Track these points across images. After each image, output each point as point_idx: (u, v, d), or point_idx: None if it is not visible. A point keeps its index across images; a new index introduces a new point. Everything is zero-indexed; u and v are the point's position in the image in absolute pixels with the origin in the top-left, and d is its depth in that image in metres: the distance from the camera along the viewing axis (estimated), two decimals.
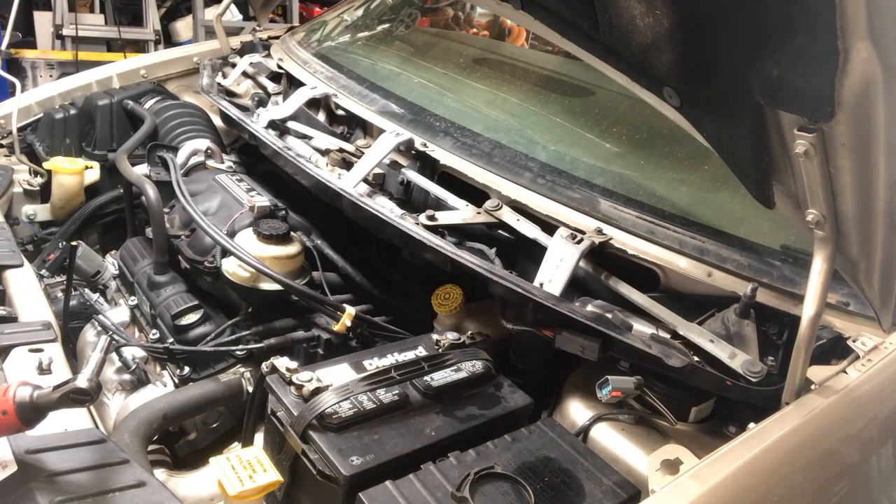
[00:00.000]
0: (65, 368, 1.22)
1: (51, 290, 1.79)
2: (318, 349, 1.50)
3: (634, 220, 1.35)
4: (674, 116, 1.10)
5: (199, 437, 1.45)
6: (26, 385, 0.94)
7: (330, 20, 2.58)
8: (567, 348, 1.20)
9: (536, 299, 1.20)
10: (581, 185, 1.47)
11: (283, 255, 1.51)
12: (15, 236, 1.72)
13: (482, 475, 0.99)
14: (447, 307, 1.42)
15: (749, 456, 0.94)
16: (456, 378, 1.22)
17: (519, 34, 3.35)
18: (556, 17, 1.19)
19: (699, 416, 1.19)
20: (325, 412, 1.06)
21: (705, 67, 0.97)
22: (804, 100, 0.82)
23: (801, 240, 1.23)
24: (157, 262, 1.66)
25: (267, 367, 1.17)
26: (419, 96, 1.93)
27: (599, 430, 1.18)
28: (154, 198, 1.67)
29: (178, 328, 1.54)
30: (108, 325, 1.59)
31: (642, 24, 0.97)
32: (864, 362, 1.10)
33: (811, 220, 0.94)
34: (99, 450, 1.00)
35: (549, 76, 2.25)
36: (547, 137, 1.73)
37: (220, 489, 0.96)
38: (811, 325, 0.98)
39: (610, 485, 1.03)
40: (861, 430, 1.12)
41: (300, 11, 6.02)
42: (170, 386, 1.48)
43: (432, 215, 1.41)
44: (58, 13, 5.12)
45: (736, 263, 1.24)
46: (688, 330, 1.16)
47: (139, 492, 0.95)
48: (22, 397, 0.92)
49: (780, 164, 0.98)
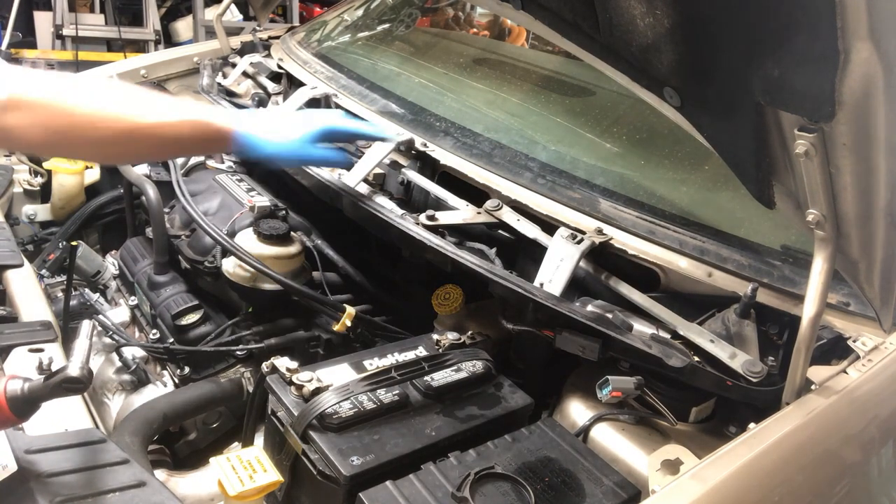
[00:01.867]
0: None
1: (51, 290, 1.79)
2: (318, 349, 1.50)
3: (635, 220, 1.35)
4: (674, 116, 1.10)
5: (199, 437, 1.45)
6: (16, 378, 0.93)
7: (330, 20, 2.57)
8: (567, 348, 1.20)
9: (537, 299, 1.20)
10: (581, 185, 1.47)
11: (283, 255, 1.51)
12: (15, 236, 1.72)
13: (482, 475, 0.99)
14: (447, 307, 1.42)
15: (749, 456, 0.94)
16: (456, 378, 1.22)
17: (519, 34, 3.35)
18: (556, 17, 1.19)
19: (699, 417, 1.19)
20: (325, 412, 1.06)
21: (705, 67, 0.97)
22: (804, 100, 0.82)
23: (802, 240, 1.23)
24: (157, 262, 1.66)
25: (267, 367, 1.17)
26: (419, 96, 1.93)
27: (599, 430, 1.18)
28: (154, 198, 1.67)
29: (178, 328, 1.54)
30: (109, 325, 1.59)
31: (642, 24, 0.97)
32: (865, 362, 1.10)
33: (811, 220, 0.94)
34: (99, 450, 1.00)
35: (549, 76, 2.25)
36: (547, 137, 1.73)
37: (220, 489, 0.95)
38: (811, 326, 0.98)
39: (610, 485, 1.03)
40: (861, 430, 1.12)
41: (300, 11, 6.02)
42: (170, 386, 1.48)
43: (432, 215, 1.41)
44: (58, 13, 5.12)
45: (736, 263, 1.24)
46: (688, 330, 1.16)
47: (139, 492, 0.95)
48: (13, 390, 0.92)
49: (781, 164, 0.98)
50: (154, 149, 1.22)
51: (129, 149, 1.17)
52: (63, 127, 1.07)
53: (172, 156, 1.62)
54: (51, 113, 1.05)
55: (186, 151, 1.54)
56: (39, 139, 1.07)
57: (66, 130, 1.07)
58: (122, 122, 1.10)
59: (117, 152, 1.21)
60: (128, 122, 1.11)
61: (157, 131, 1.14)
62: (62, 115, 1.06)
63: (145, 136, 1.13)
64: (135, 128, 1.11)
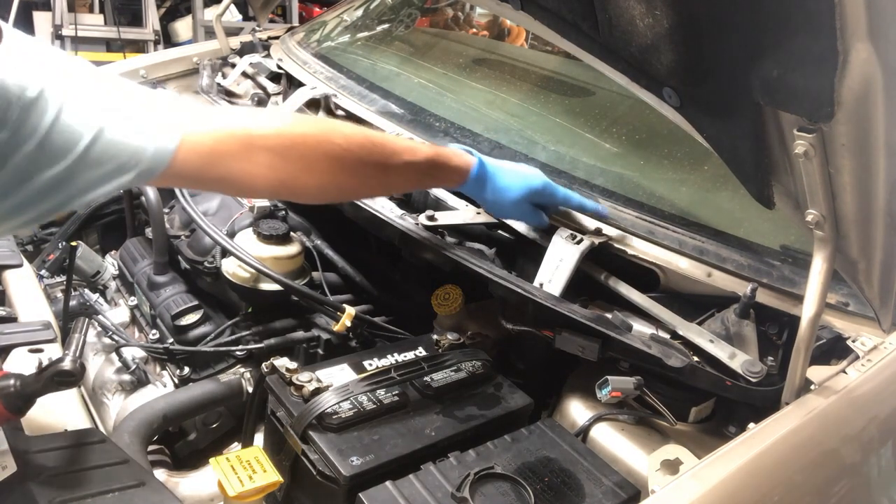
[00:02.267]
0: None
1: (51, 290, 1.79)
2: (318, 349, 1.50)
3: (634, 220, 1.35)
4: (674, 116, 1.10)
5: (199, 437, 1.45)
6: (7, 375, 0.93)
7: (330, 20, 2.57)
8: (567, 348, 1.20)
9: (536, 299, 1.20)
10: (581, 185, 1.47)
11: (283, 256, 1.51)
12: (15, 236, 1.72)
13: (482, 475, 0.99)
14: (447, 307, 1.42)
15: (749, 456, 0.94)
16: (456, 378, 1.22)
17: (519, 34, 3.35)
18: (556, 17, 1.19)
19: (699, 417, 1.19)
20: (325, 412, 1.06)
21: (705, 67, 0.97)
22: (804, 100, 0.82)
23: (801, 240, 1.23)
24: (157, 262, 1.66)
25: (267, 368, 1.17)
26: (419, 96, 1.93)
27: (599, 430, 1.18)
28: (154, 198, 1.67)
29: (178, 328, 1.54)
30: (108, 326, 1.59)
31: (642, 25, 0.97)
32: (864, 362, 1.10)
33: (811, 220, 0.94)
34: (99, 450, 1.00)
35: (548, 76, 2.25)
36: (546, 137, 1.73)
37: (219, 489, 0.96)
38: (811, 325, 0.98)
39: (610, 485, 1.03)
40: (861, 430, 1.12)
41: (300, 11, 6.02)
42: (170, 386, 1.48)
43: (432, 215, 1.41)
44: (57, 13, 5.12)
45: (736, 263, 1.24)
46: (688, 330, 1.16)
47: (139, 492, 0.95)
48: (5, 386, 0.91)
49: (780, 165, 0.98)
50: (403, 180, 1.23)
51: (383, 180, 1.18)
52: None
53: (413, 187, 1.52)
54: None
55: (425, 183, 1.43)
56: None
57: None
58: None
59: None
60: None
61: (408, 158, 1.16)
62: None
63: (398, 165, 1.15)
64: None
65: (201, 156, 0.94)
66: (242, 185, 1.02)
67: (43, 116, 0.80)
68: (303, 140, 1.04)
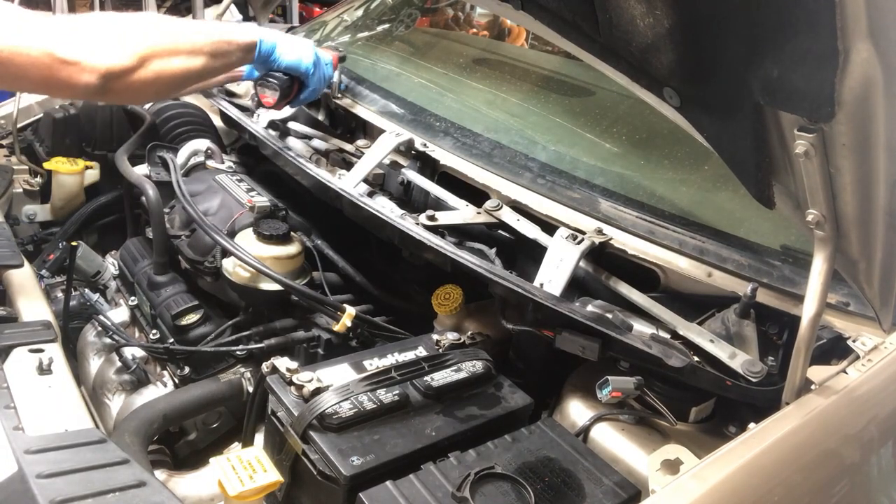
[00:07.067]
0: (65, 368, 1.22)
1: (51, 290, 1.79)
2: (318, 349, 1.50)
3: (634, 220, 1.35)
4: (674, 116, 1.10)
5: (199, 437, 1.45)
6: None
7: (330, 20, 2.57)
8: (567, 348, 1.20)
9: (537, 299, 1.20)
10: (581, 186, 1.47)
11: (283, 255, 1.51)
12: (15, 236, 1.72)
13: (482, 475, 0.99)
14: (447, 307, 1.42)
15: (749, 456, 0.94)
16: (456, 378, 1.22)
17: (519, 34, 3.35)
18: (556, 17, 1.19)
19: (699, 417, 1.19)
20: (325, 412, 1.06)
21: (705, 67, 0.97)
22: (804, 100, 0.82)
23: (801, 240, 1.23)
24: (157, 262, 1.66)
25: (267, 368, 1.17)
26: (419, 96, 1.93)
27: (599, 430, 1.18)
28: (154, 198, 1.67)
29: (178, 328, 1.54)
30: (109, 326, 1.59)
31: (642, 25, 0.97)
32: (864, 362, 1.10)
33: (811, 220, 0.94)
34: (99, 450, 1.00)
35: (549, 76, 2.25)
36: (547, 137, 1.73)
37: (220, 489, 0.96)
38: (811, 325, 0.98)
39: (610, 485, 1.03)
40: (861, 430, 1.12)
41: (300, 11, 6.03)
42: (170, 386, 1.48)
43: (432, 215, 1.41)
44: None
45: (736, 263, 1.24)
46: (688, 330, 1.16)
47: (139, 492, 0.95)
48: None
49: (780, 164, 0.98)
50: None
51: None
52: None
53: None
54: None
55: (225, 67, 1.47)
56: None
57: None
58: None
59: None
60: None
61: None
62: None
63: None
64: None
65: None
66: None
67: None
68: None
